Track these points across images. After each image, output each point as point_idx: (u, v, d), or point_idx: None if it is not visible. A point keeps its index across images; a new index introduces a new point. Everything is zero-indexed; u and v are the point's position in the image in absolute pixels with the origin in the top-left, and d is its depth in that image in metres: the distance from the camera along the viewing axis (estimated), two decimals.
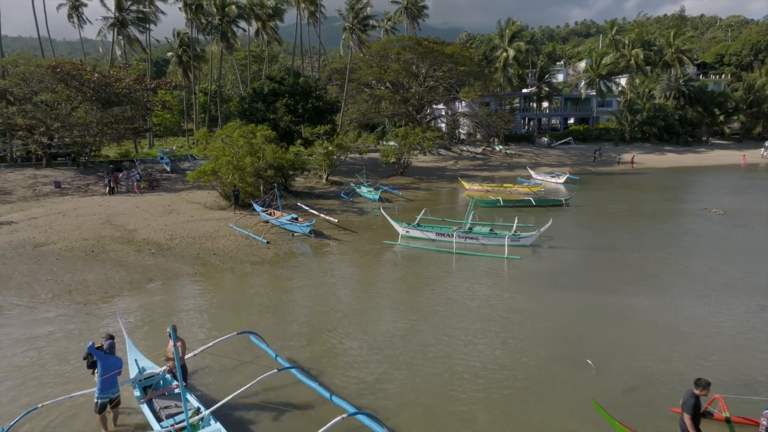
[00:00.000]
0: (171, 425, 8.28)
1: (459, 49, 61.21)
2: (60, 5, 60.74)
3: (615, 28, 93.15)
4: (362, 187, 37.52)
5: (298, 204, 29.63)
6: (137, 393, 9.42)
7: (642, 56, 70.93)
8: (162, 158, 47.29)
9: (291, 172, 36.22)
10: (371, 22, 58.10)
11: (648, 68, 76.58)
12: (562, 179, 44.16)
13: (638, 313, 14.53)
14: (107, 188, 34.92)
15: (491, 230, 22.85)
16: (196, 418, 8.40)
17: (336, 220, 25.86)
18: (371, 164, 50.76)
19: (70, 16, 61.23)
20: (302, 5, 55.72)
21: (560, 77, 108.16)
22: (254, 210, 27.94)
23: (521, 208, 31.26)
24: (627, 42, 72.79)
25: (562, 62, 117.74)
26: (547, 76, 74.80)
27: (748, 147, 72.10)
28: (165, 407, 8.97)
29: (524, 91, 76.22)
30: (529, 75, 77.92)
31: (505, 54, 69.82)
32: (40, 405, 8.84)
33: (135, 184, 36.86)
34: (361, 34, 56.67)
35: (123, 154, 49.85)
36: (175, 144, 63.68)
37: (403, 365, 11.72)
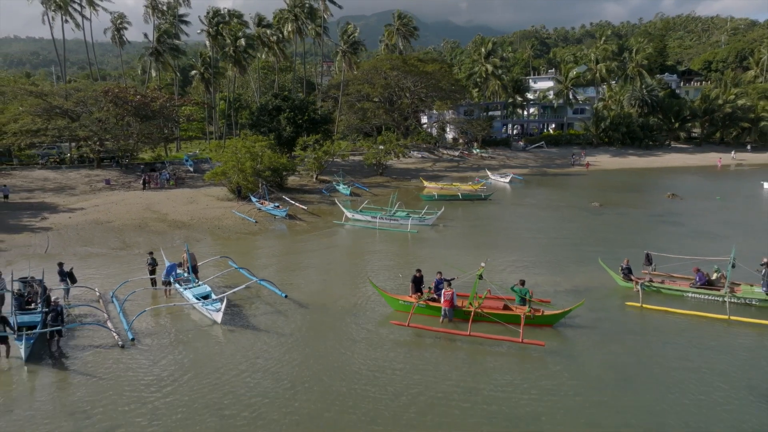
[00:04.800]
0: (186, 288, 19.00)
1: (438, 67, 71.32)
2: (106, 29, 73.39)
3: (603, 37, 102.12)
4: (340, 185, 48.07)
5: (282, 197, 40.29)
6: (172, 279, 20.04)
7: (605, 70, 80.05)
8: (187, 161, 58.30)
9: (284, 173, 46.98)
10: (360, 47, 68.73)
11: (614, 81, 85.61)
12: (508, 179, 54.10)
13: (453, 256, 24.84)
14: (142, 184, 45.96)
15: (407, 214, 33.22)
16: (197, 284, 19.11)
17: (305, 207, 36.63)
18: (359, 166, 61.22)
19: (113, 39, 73.76)
20: (306, 30, 66.65)
21: (549, 83, 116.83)
22: (251, 200, 38.74)
23: (452, 201, 41.41)
24: (592, 57, 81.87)
25: (553, 69, 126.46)
26: (520, 86, 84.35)
27: (705, 151, 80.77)
28: (185, 283, 19.71)
29: (501, 100, 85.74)
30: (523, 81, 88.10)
31: (483, 68, 79.65)
32: (128, 280, 19.71)
33: (165, 182, 47.88)
34: (351, 57, 67.39)
35: (155, 158, 61.24)
36: (198, 148, 75.05)
37: (308, 276, 22.32)
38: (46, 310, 15.63)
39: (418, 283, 18.37)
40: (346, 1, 69.12)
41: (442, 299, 16.87)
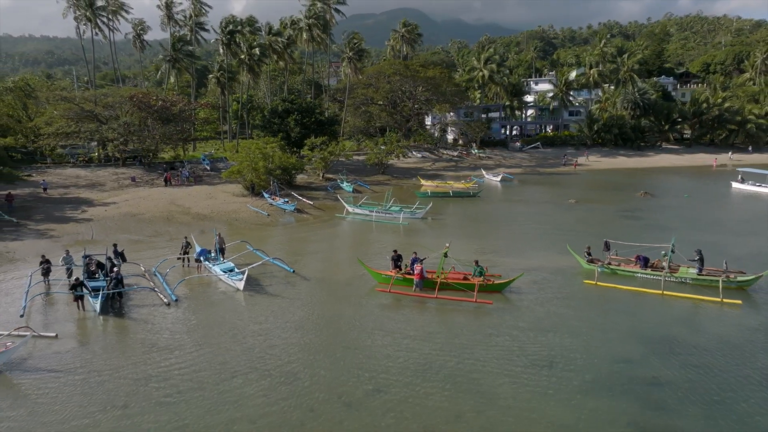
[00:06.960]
0: (214, 264, 23.69)
1: (439, 72, 75.72)
2: (127, 33, 78.71)
3: (603, 40, 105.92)
4: (344, 182, 52.71)
5: (292, 193, 44.98)
6: (202, 258, 24.70)
7: (597, 74, 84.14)
8: (204, 159, 63.11)
9: (294, 172, 51.67)
10: (365, 53, 73.42)
11: (607, 85, 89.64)
12: (499, 177, 58.48)
13: (433, 243, 29.32)
14: (164, 181, 50.75)
15: (400, 209, 37.77)
16: (223, 261, 23.80)
17: (312, 202, 41.31)
18: (363, 165, 65.72)
19: (134, 43, 79.04)
20: (313, 38, 71.41)
21: (549, 86, 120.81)
22: (263, 196, 43.46)
23: (444, 198, 45.88)
24: (587, 62, 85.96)
25: (554, 72, 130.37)
26: (520, 90, 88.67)
27: (694, 152, 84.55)
28: (213, 261, 24.40)
29: (503, 102, 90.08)
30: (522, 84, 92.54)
31: (481, 73, 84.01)
32: (166, 258, 24.46)
33: (185, 179, 52.65)
34: (357, 63, 72.15)
35: (174, 157, 66.06)
36: (213, 147, 79.92)
37: (312, 257, 26.96)
38: (109, 277, 20.40)
39: (396, 260, 22.92)
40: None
41: (414, 272, 21.43)
